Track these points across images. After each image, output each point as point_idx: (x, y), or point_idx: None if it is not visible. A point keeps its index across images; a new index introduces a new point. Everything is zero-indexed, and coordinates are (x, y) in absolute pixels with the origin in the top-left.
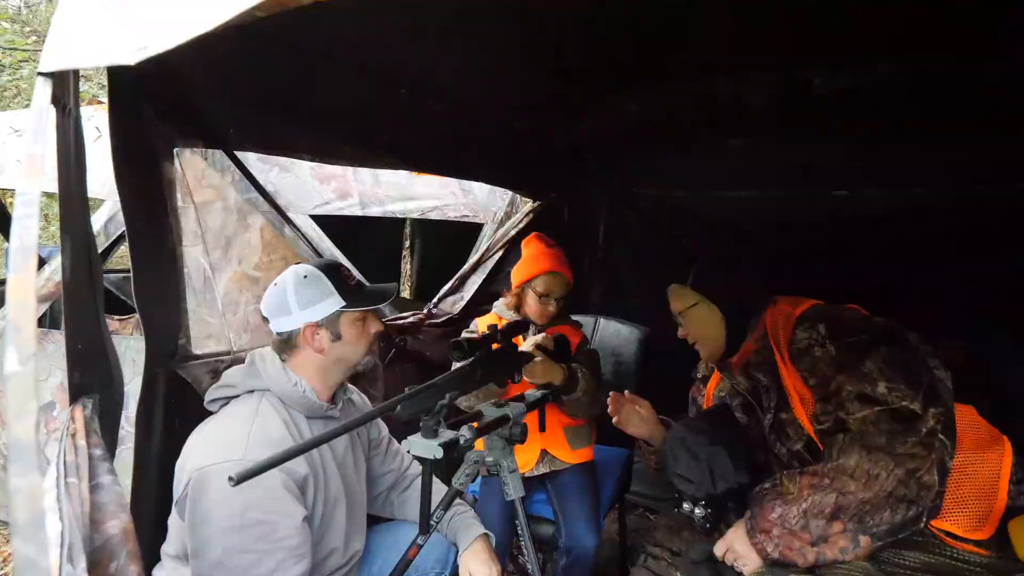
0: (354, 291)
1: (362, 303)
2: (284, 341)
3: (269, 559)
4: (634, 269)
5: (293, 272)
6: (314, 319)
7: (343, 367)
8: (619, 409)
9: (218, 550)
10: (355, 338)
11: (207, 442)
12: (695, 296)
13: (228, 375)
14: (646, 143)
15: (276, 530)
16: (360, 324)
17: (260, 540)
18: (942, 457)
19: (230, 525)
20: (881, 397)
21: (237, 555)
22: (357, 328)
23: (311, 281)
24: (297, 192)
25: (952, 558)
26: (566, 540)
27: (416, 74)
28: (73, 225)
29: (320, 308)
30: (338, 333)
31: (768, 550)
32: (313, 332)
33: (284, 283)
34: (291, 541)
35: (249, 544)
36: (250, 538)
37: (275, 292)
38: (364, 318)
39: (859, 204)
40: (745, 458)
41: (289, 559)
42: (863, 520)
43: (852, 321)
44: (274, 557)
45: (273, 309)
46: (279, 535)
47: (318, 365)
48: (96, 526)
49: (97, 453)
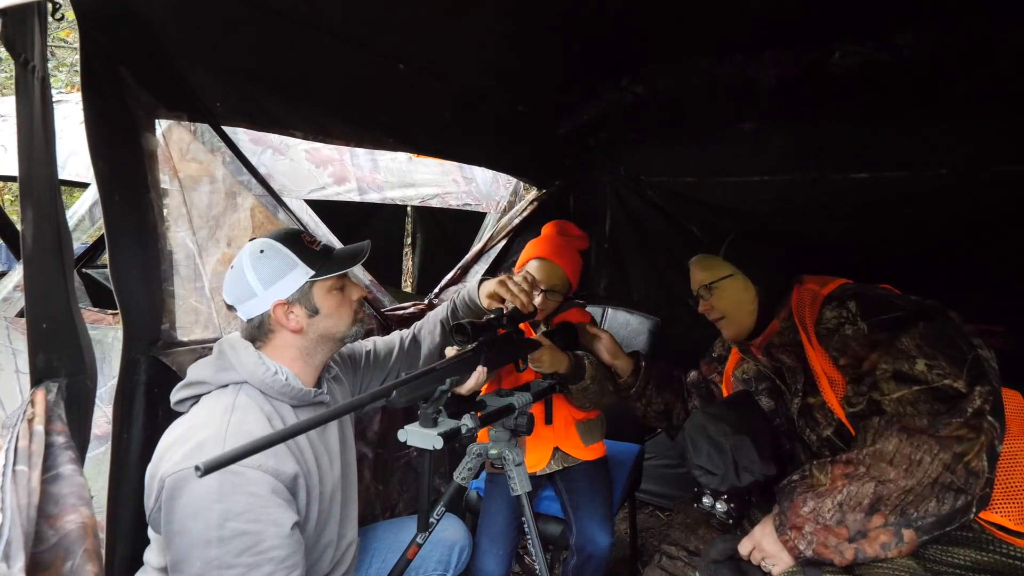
0: (322, 257)
1: (333, 268)
2: (256, 327)
3: (255, 573)
4: (642, 258)
5: (248, 249)
6: (283, 296)
7: (328, 344)
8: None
9: (196, 565)
10: (335, 308)
11: (178, 444)
12: (728, 267)
13: (195, 371)
14: (654, 128)
15: (261, 540)
16: (338, 293)
17: (243, 553)
18: (991, 440)
19: (207, 538)
20: (920, 375)
21: (217, 571)
22: (335, 297)
23: (269, 255)
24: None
25: (1007, 555)
26: (577, 539)
27: (415, 51)
28: (35, 189)
29: (287, 282)
30: (314, 307)
31: (801, 548)
32: (286, 310)
33: (241, 263)
34: (279, 552)
35: (231, 559)
36: (232, 552)
37: (233, 275)
38: (342, 286)
39: (880, 187)
40: (772, 448)
41: (278, 572)
42: (906, 512)
43: (886, 298)
44: (260, 571)
45: (236, 295)
46: (265, 546)
47: (299, 347)
48: (51, 521)
49: (59, 441)
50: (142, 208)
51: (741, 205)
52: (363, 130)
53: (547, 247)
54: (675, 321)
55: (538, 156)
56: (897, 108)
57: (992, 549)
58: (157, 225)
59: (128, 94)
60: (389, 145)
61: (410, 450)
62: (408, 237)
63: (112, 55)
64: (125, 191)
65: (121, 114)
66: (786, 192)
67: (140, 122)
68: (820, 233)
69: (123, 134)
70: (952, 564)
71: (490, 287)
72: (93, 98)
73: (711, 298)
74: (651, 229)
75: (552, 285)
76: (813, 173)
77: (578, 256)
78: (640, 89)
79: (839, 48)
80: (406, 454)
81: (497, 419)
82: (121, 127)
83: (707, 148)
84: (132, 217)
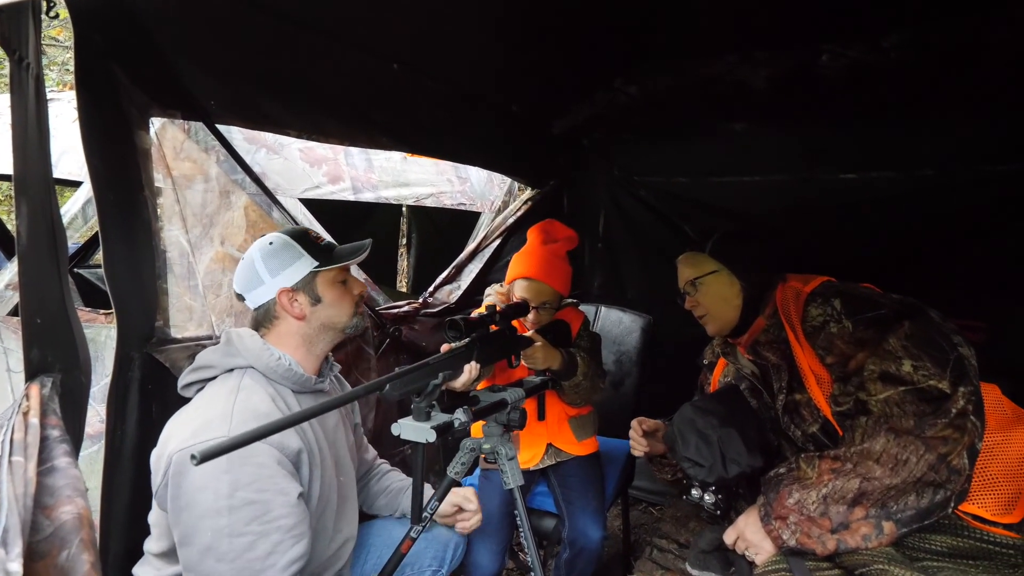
0: (326, 251)
1: (336, 261)
2: (263, 314)
3: (264, 541)
4: (635, 258)
5: (258, 242)
6: (288, 284)
7: (330, 333)
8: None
9: (207, 535)
10: (337, 299)
11: (186, 424)
12: (714, 264)
13: (203, 356)
14: (647, 129)
15: (270, 510)
16: (340, 285)
17: (253, 521)
18: (973, 440)
19: (217, 507)
20: (907, 376)
21: (228, 539)
22: (338, 289)
23: (278, 247)
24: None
25: (982, 540)
26: (570, 533)
27: (409, 51)
28: (29, 185)
29: (292, 272)
30: (317, 296)
31: (784, 537)
32: (290, 298)
33: (251, 255)
34: (287, 520)
35: (241, 527)
36: (241, 520)
37: (244, 265)
38: (344, 279)
39: (868, 187)
40: (758, 440)
41: (286, 540)
42: (887, 505)
43: (868, 296)
44: (269, 539)
45: (245, 283)
46: (273, 515)
47: (302, 334)
48: (47, 511)
49: (54, 434)
50: (136, 206)
51: (733, 205)
52: (358, 129)
53: (532, 265)
54: (668, 320)
55: (532, 156)
56: (884, 109)
57: (967, 535)
58: (151, 223)
59: (122, 92)
60: (384, 144)
61: (404, 448)
62: (403, 237)
63: (106, 53)
64: (119, 189)
65: (115, 112)
66: (777, 192)
67: (134, 120)
68: (810, 232)
69: (117, 132)
70: (929, 551)
71: None
72: (87, 96)
73: (696, 294)
74: (644, 228)
75: (542, 302)
76: (803, 173)
77: (566, 264)
78: (633, 89)
79: (827, 50)
80: (400, 452)
81: (490, 414)
82: (115, 125)
83: (699, 148)
84: (126, 214)
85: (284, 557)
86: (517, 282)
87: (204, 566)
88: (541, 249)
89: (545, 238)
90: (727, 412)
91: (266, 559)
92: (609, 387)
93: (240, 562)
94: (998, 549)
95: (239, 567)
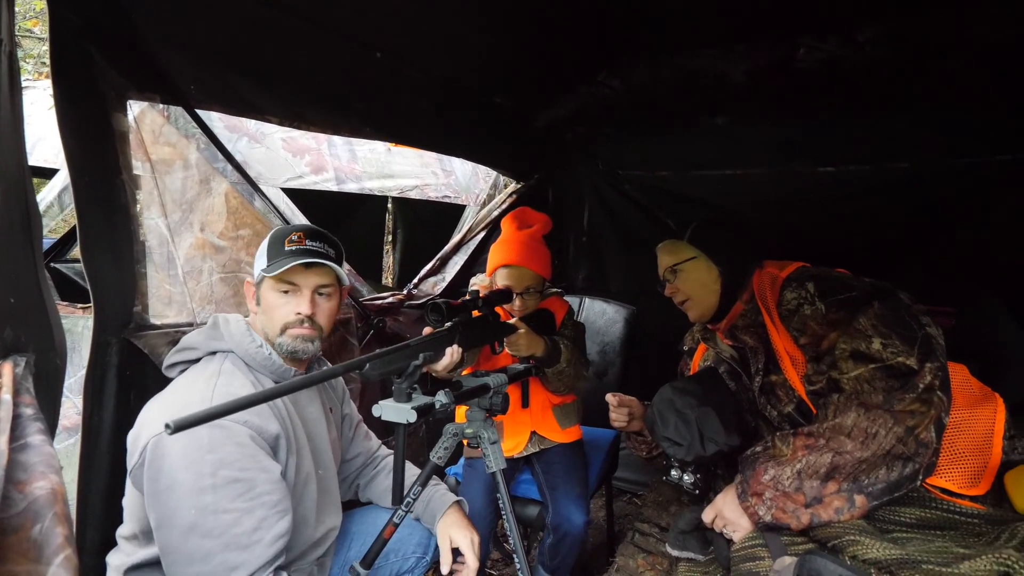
0: (290, 256)
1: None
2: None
3: (249, 517)
4: (619, 250)
5: None
6: (253, 278)
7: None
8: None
9: (191, 513)
10: (269, 307)
11: (164, 406)
12: (692, 250)
13: (188, 338)
14: (629, 122)
15: (255, 486)
16: (281, 295)
17: (238, 498)
18: (939, 414)
19: (201, 486)
20: (876, 354)
21: (213, 515)
22: (276, 299)
23: (264, 241)
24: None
25: (949, 511)
26: (553, 518)
27: (392, 39)
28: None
29: (256, 268)
30: (259, 298)
31: (760, 513)
32: (252, 292)
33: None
34: (271, 497)
35: (226, 503)
36: (226, 497)
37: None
38: (287, 290)
39: (845, 180)
40: (735, 419)
41: (271, 515)
42: (858, 479)
43: (841, 279)
44: (254, 515)
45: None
46: (258, 491)
47: (260, 328)
48: (20, 486)
49: (28, 412)
50: (113, 189)
51: (714, 198)
52: (340, 118)
53: (511, 252)
54: (651, 311)
55: (517, 149)
56: (860, 103)
57: (935, 507)
58: (129, 207)
59: (98, 74)
60: (366, 133)
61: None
62: (388, 234)
63: (82, 33)
64: (95, 171)
65: (91, 94)
66: (757, 185)
67: (110, 102)
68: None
69: (93, 114)
70: (899, 522)
71: None
72: (62, 77)
73: (676, 280)
74: (628, 221)
75: (525, 287)
76: (782, 167)
77: (544, 247)
78: (616, 83)
79: (804, 44)
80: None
81: (472, 397)
82: (91, 107)
83: (681, 142)
84: (103, 198)
85: (270, 532)
86: (499, 271)
87: (188, 545)
88: (518, 235)
89: (520, 224)
90: (705, 392)
91: (252, 534)
92: (593, 377)
93: (226, 537)
94: (963, 519)
95: (225, 542)
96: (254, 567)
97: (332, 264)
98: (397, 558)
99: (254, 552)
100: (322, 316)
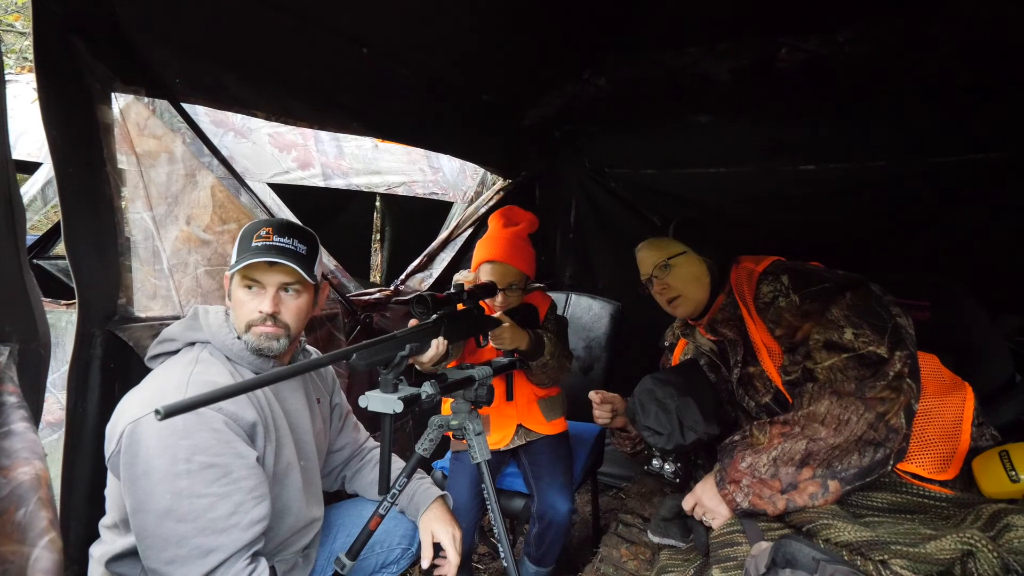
0: (251, 253)
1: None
2: None
3: (226, 502)
4: (606, 247)
5: None
6: (228, 271)
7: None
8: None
9: (166, 497)
10: (235, 305)
11: (141, 396)
12: (680, 245)
13: (168, 330)
14: (616, 120)
15: (231, 471)
16: (245, 291)
17: (214, 483)
18: (909, 400)
19: (176, 471)
20: (848, 343)
21: (188, 500)
22: (241, 294)
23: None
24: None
25: (918, 495)
26: (539, 507)
27: (379, 35)
28: None
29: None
30: (229, 293)
31: (738, 500)
32: (227, 286)
33: None
34: (248, 482)
35: (202, 488)
36: (202, 482)
37: None
38: (250, 286)
39: (825, 178)
40: (714, 409)
41: (248, 501)
42: (832, 465)
43: (814, 272)
44: (231, 500)
45: None
46: (234, 476)
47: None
48: (3, 472)
49: (11, 400)
50: (97, 180)
51: (699, 195)
52: (327, 113)
53: (496, 248)
54: (637, 307)
55: (504, 146)
56: (839, 102)
57: (905, 491)
58: (113, 199)
59: (82, 65)
60: (353, 129)
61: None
62: (376, 232)
63: (66, 25)
64: (79, 163)
65: (75, 85)
66: (740, 183)
67: (95, 94)
68: (771, 221)
69: (77, 105)
70: (871, 507)
71: None
72: (46, 68)
73: (666, 277)
74: (614, 219)
75: (508, 284)
76: (765, 165)
77: (529, 245)
78: (602, 81)
79: (785, 43)
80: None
81: (457, 389)
82: (75, 98)
83: (666, 141)
84: (87, 189)
85: (247, 516)
86: (483, 266)
87: (163, 529)
88: (503, 232)
89: (507, 222)
90: (685, 383)
91: (228, 518)
92: (579, 372)
93: (202, 521)
94: (932, 503)
95: (200, 526)
96: (230, 551)
97: (292, 264)
98: (383, 549)
99: (230, 536)
100: (288, 314)
